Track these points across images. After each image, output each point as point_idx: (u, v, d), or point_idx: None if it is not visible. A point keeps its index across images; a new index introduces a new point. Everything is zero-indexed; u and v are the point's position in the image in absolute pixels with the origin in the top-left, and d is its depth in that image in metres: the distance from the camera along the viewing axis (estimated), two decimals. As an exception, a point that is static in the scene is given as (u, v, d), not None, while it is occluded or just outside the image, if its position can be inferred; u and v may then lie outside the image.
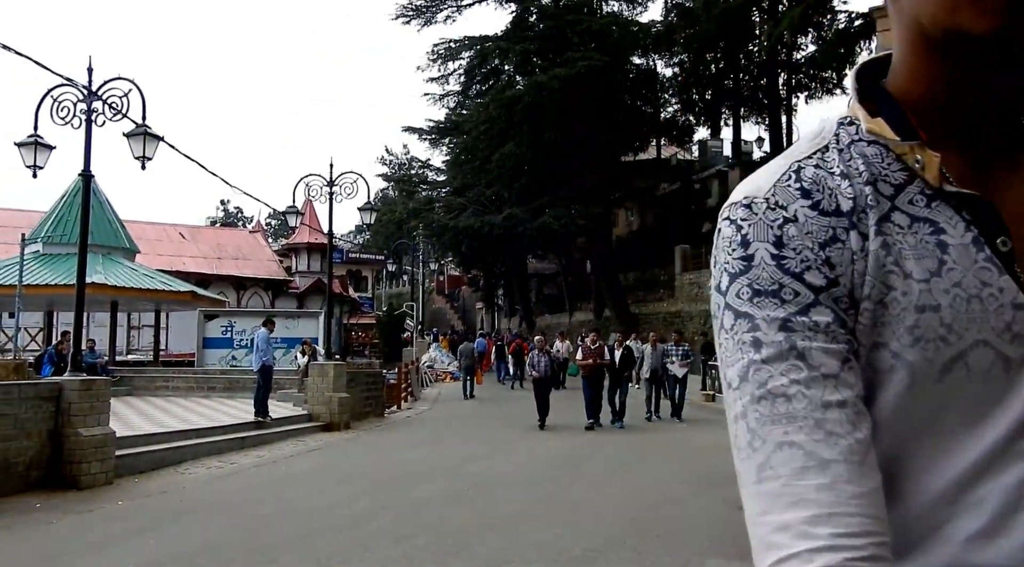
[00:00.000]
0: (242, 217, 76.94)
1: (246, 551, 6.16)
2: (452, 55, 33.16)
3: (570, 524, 6.82)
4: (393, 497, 8.18)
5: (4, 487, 8.33)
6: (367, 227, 43.06)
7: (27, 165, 10.06)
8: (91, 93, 9.68)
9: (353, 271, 49.89)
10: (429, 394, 23.23)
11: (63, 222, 21.04)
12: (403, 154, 63.53)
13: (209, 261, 37.13)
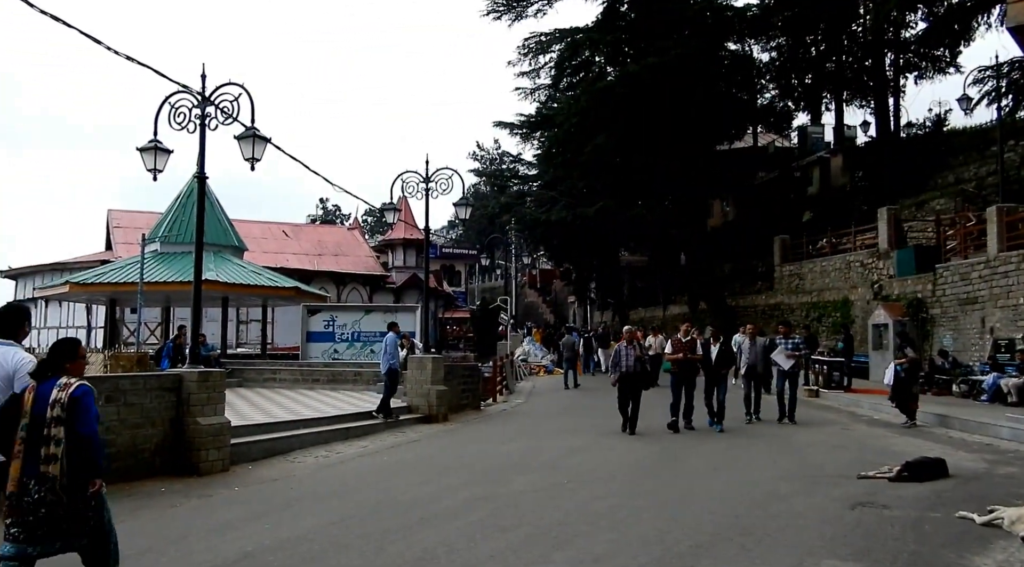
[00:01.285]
0: (340, 215, 79.41)
1: (355, 537, 6.35)
2: (543, 49, 33.15)
3: (673, 519, 6.71)
4: (493, 489, 8.26)
5: (133, 472, 8.89)
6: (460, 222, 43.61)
7: (147, 169, 10.66)
8: (205, 99, 10.17)
9: (447, 266, 50.77)
10: (523, 387, 23.37)
11: (178, 222, 22.25)
12: (494, 149, 64.12)
13: (310, 258, 38.52)
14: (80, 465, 4.30)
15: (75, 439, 4.28)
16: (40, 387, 4.36)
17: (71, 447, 4.26)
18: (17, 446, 4.26)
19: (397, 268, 41.23)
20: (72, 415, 4.29)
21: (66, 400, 4.29)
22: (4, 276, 38.81)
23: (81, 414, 4.30)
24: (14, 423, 4.29)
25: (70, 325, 34.78)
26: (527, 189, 40.82)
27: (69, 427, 4.24)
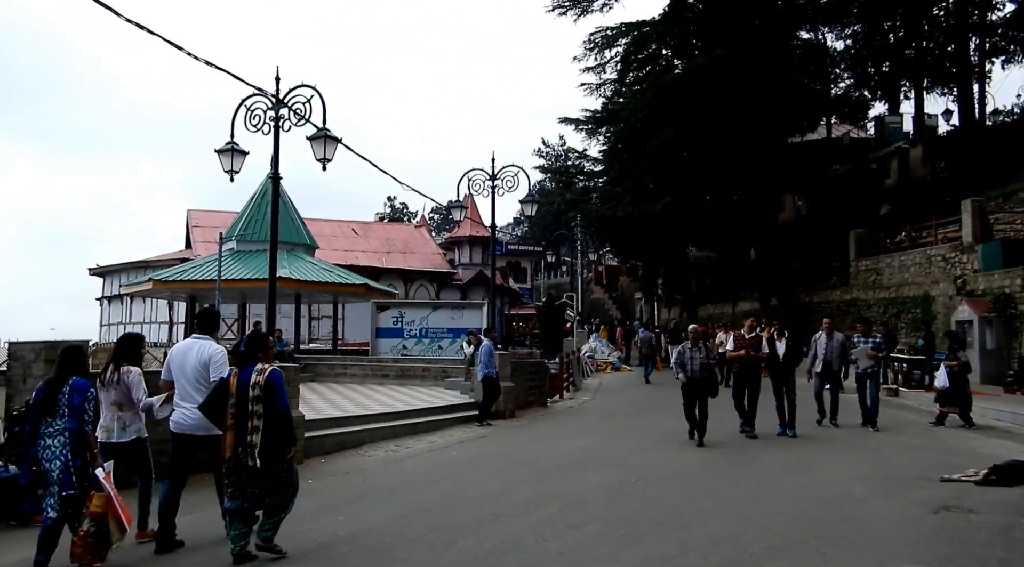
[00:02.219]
0: (407, 212, 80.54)
1: (425, 531, 6.44)
2: (609, 43, 32.88)
3: (745, 520, 6.59)
4: (561, 486, 8.26)
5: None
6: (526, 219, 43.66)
7: (225, 170, 11.04)
8: (279, 101, 10.46)
9: (513, 263, 50.96)
10: (590, 384, 23.27)
11: (253, 221, 22.96)
12: (560, 146, 63.94)
13: (379, 255, 39.21)
14: (280, 434, 5.47)
15: (275, 414, 5.44)
16: (241, 373, 5.53)
17: (271, 421, 5.40)
18: (229, 420, 5.42)
19: (463, 265, 41.59)
20: (269, 395, 5.43)
21: (263, 383, 5.43)
22: (93, 273, 40.74)
23: (276, 394, 5.46)
24: (225, 401, 5.49)
25: (153, 320, 36.29)
26: (592, 185, 40.58)
27: (268, 404, 5.38)
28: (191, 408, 6.00)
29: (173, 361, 6.25)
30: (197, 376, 6.11)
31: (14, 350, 8.80)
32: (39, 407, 5.50)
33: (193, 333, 6.53)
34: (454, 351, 21.53)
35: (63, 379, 5.50)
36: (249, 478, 5.37)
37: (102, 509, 5.37)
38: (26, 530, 6.89)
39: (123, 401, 6.10)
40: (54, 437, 5.38)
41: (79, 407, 5.39)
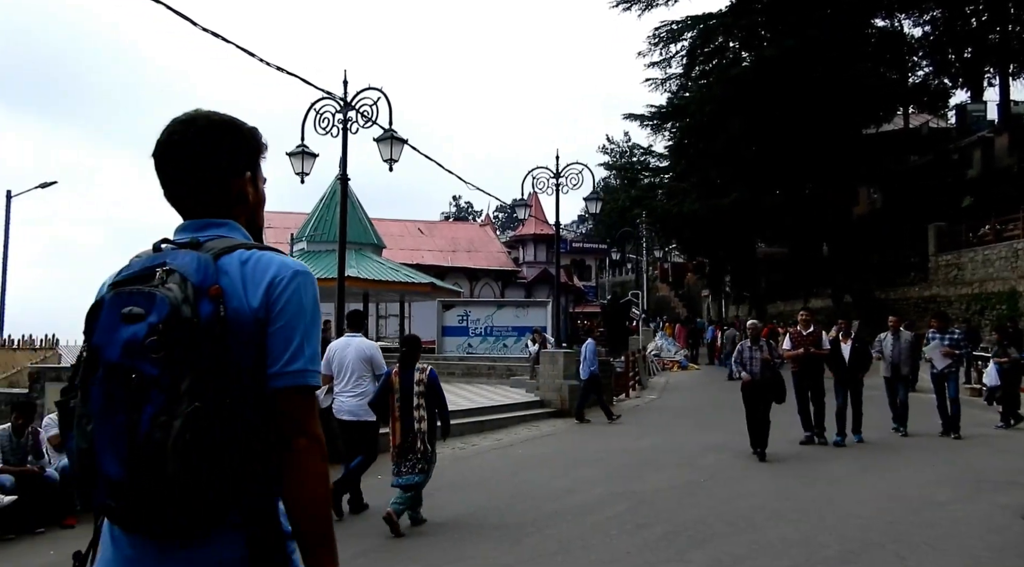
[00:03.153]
0: (472, 211, 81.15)
1: (492, 527, 6.50)
2: (674, 37, 32.39)
3: (817, 523, 6.42)
4: (627, 485, 8.20)
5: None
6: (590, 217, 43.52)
7: (296, 172, 11.34)
8: (347, 104, 10.68)
9: (577, 260, 50.77)
10: (656, 383, 23.01)
11: (323, 222, 23.49)
12: (624, 142, 63.37)
13: (444, 254, 39.61)
14: (444, 422, 6.71)
15: (440, 405, 6.57)
16: (404, 372, 6.49)
17: (435, 411, 6.52)
18: (396, 412, 6.43)
19: (528, 263, 41.65)
20: (431, 390, 6.48)
21: (427, 381, 6.46)
22: (172, 275, 42.33)
23: (438, 389, 6.56)
24: (387, 397, 6.53)
25: (228, 320, 37.49)
26: (658, 181, 40.07)
27: (431, 398, 6.44)
28: (347, 397, 7.07)
29: (334, 356, 7.17)
30: (357, 369, 7.09)
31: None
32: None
33: (346, 332, 7.59)
34: (519, 349, 21.60)
35: None
36: (415, 458, 6.41)
37: None
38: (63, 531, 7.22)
39: None
40: None
41: None
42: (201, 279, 1.39)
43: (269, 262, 1.48)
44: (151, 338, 1.32)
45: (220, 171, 1.58)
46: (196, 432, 1.29)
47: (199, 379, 1.32)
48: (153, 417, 1.29)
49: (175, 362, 1.31)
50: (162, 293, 1.35)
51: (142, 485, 1.29)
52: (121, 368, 1.33)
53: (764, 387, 9.83)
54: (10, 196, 20.85)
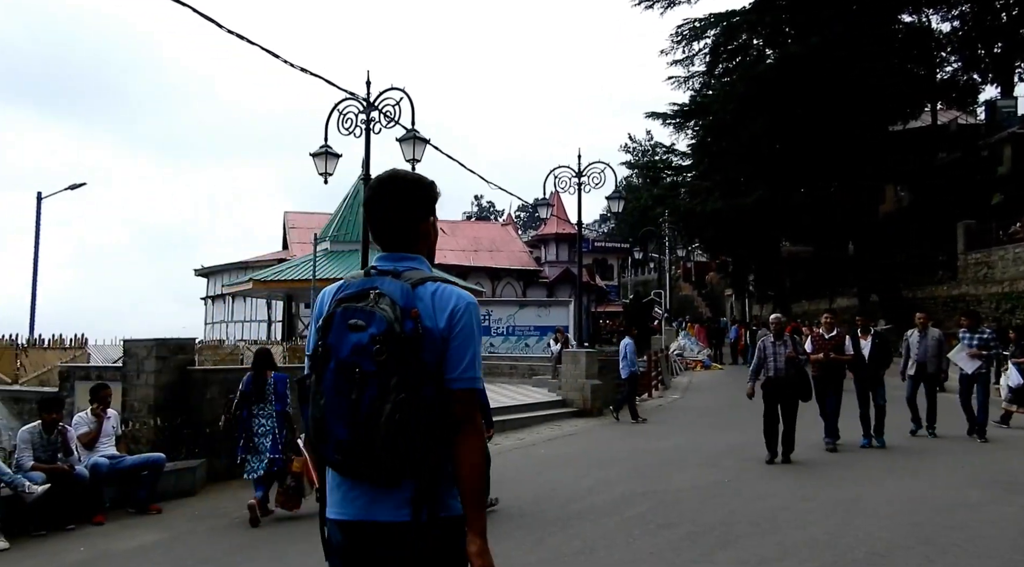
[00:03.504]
0: (494, 211, 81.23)
1: (514, 528, 6.49)
2: (697, 35, 32.19)
3: (843, 524, 6.35)
4: (651, 484, 8.16)
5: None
6: (613, 216, 43.40)
7: (319, 173, 11.42)
8: (369, 104, 10.74)
9: (599, 260, 50.59)
10: (679, 382, 22.90)
11: (346, 222, 23.64)
12: (646, 141, 63.13)
13: (467, 253, 39.68)
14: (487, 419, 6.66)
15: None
16: None
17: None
18: None
19: (550, 263, 41.60)
20: None
21: None
22: (198, 274, 42.88)
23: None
24: None
25: (253, 319, 37.88)
26: (681, 180, 39.86)
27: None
28: None
29: None
30: None
31: (128, 347, 9.37)
32: (252, 395, 7.20)
33: None
34: (540, 349, 21.60)
35: (261, 373, 7.25)
36: None
37: (300, 469, 7.04)
38: (144, 517, 7.32)
39: None
40: (266, 417, 7.14)
41: (283, 394, 7.21)
42: (405, 303, 1.95)
43: (451, 294, 2.05)
44: (373, 345, 1.89)
45: (412, 217, 2.18)
46: (400, 414, 1.87)
47: (404, 377, 1.89)
48: (371, 400, 1.88)
49: (388, 363, 1.89)
50: (380, 312, 1.93)
51: (360, 446, 1.90)
52: (348, 363, 1.92)
53: (788, 385, 9.32)
54: (40, 198, 21.21)
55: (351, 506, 2.03)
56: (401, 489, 1.96)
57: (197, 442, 8.77)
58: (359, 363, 1.91)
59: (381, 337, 1.90)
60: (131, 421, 8.68)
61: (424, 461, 1.96)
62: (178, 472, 8.20)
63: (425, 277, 2.07)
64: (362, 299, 1.98)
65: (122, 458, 7.63)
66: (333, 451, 1.96)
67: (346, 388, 1.91)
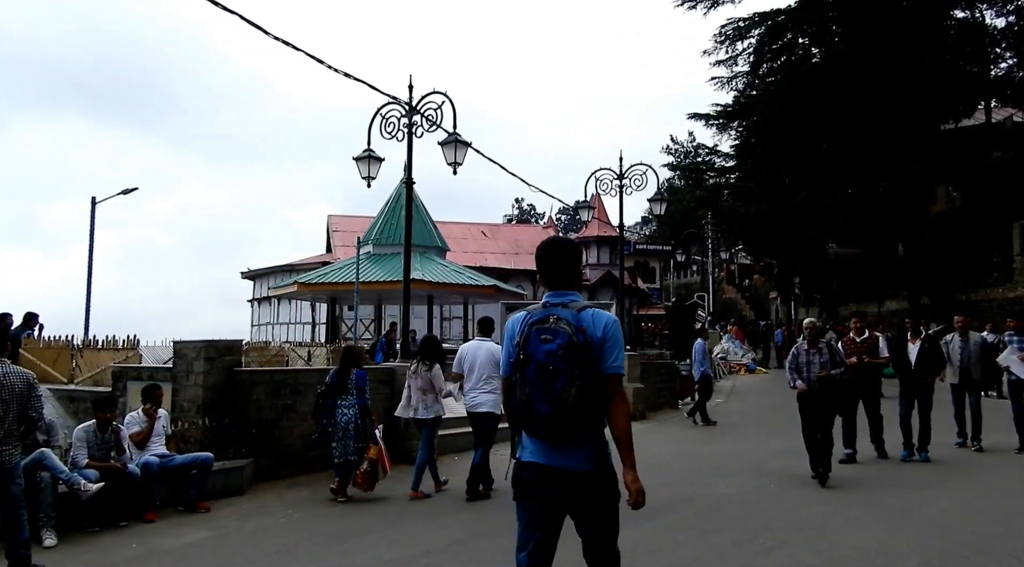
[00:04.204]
0: (535, 214, 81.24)
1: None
2: (740, 35, 31.75)
3: (894, 532, 6.20)
4: (695, 490, 8.07)
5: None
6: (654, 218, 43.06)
7: (362, 176, 11.54)
8: (411, 108, 10.82)
9: (640, 262, 50.23)
10: (723, 386, 22.59)
11: (389, 225, 23.86)
12: (689, 142, 62.55)
13: (507, 256, 39.74)
14: None
15: None
16: None
17: None
18: None
19: (591, 265, 41.44)
20: None
21: None
22: (244, 277, 43.69)
23: None
24: None
25: (297, 321, 38.46)
26: (724, 182, 39.32)
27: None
28: (479, 393, 8.03)
29: (465, 358, 8.16)
30: (487, 370, 8.01)
31: (178, 348, 9.57)
32: (336, 388, 8.05)
33: (476, 336, 8.63)
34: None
35: (347, 369, 8.07)
36: None
37: (375, 456, 7.96)
38: (193, 515, 7.48)
39: (426, 387, 8.30)
40: (349, 408, 7.97)
41: (363, 389, 8.07)
42: (575, 323, 3.05)
43: (602, 315, 3.15)
44: (559, 351, 2.98)
45: (572, 268, 3.37)
46: (581, 395, 2.95)
47: (581, 370, 2.97)
48: (562, 387, 2.95)
49: (570, 362, 2.96)
50: (561, 330, 3.02)
51: (557, 417, 2.97)
52: (544, 363, 2.99)
53: (823, 398, 8.51)
54: (94, 203, 21.84)
55: (543, 456, 3.12)
56: (582, 447, 3.08)
57: (244, 442, 8.92)
58: (552, 363, 3.01)
59: (565, 346, 3.01)
60: (180, 421, 8.87)
61: (597, 426, 3.12)
62: (226, 471, 8.35)
63: (584, 305, 3.20)
64: (546, 322, 3.10)
65: (172, 457, 7.80)
66: (538, 422, 3.05)
67: (544, 380, 3.01)
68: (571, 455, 3.07)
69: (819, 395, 8.48)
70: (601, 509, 3.20)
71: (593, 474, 3.09)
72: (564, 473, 3.08)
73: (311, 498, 8.16)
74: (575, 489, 3.09)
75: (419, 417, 8.35)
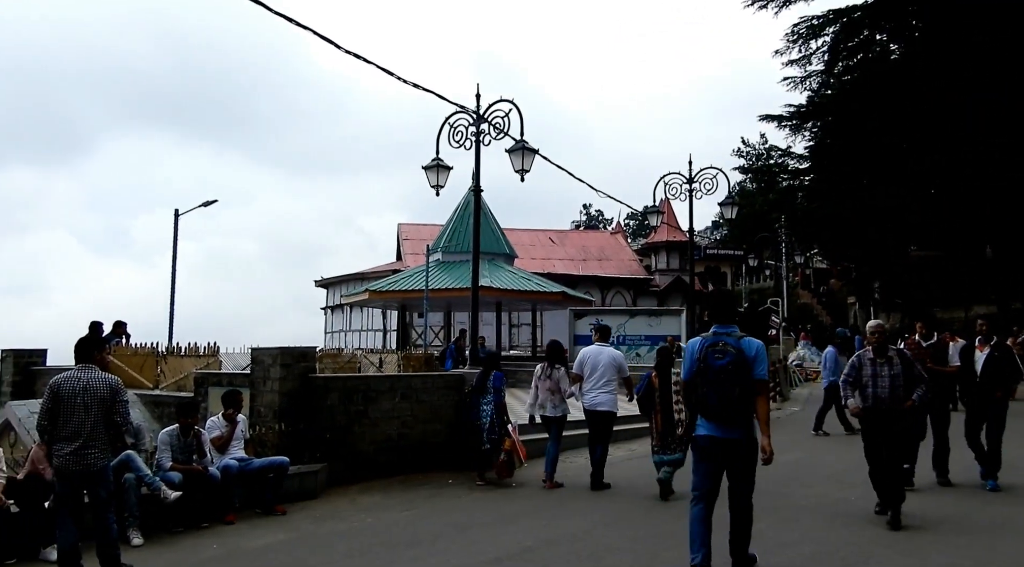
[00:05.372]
0: (603, 219, 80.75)
1: (625, 539, 6.39)
2: (814, 33, 30.87)
3: (989, 548, 5.90)
4: (772, 500, 7.80)
5: (424, 464, 9.76)
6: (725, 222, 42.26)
7: (431, 185, 11.68)
8: (479, 117, 10.91)
9: (711, 267, 49.34)
10: (799, 394, 21.95)
11: (457, 233, 24.08)
12: (760, 144, 61.15)
13: (575, 263, 39.60)
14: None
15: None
16: (661, 374, 8.42)
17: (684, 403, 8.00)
18: (658, 406, 8.33)
19: (660, 271, 40.93)
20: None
21: (681, 381, 7.12)
22: (318, 285, 44.77)
23: None
24: (652, 392, 8.40)
25: (369, 328, 39.16)
26: (798, 184, 38.30)
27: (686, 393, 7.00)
28: (600, 393, 8.83)
29: (587, 361, 8.95)
30: (608, 372, 8.84)
31: (256, 355, 9.85)
32: (479, 389, 9.47)
33: (596, 342, 9.30)
34: (651, 358, 21.20)
35: (487, 372, 9.47)
36: (676, 441, 8.13)
37: (509, 448, 9.12)
38: (270, 517, 7.68)
39: (554, 389, 9.08)
40: (487, 405, 9.30)
41: (499, 389, 9.40)
42: (736, 346, 5.04)
43: (753, 342, 5.11)
44: (728, 365, 4.98)
45: (733, 310, 5.45)
46: (741, 393, 4.96)
47: (741, 377, 4.98)
48: (729, 387, 4.95)
49: (734, 372, 4.97)
50: (729, 351, 5.02)
51: (722, 408, 4.98)
52: (717, 371, 4.98)
53: (895, 417, 6.96)
54: (177, 215, 22.74)
55: (713, 431, 5.03)
56: (737, 426, 4.99)
57: (318, 446, 9.12)
58: (724, 371, 4.95)
59: (732, 362, 4.97)
60: (258, 425, 9.11)
61: (747, 413, 5.00)
62: (301, 475, 8.54)
63: (742, 335, 5.11)
64: (717, 345, 5.05)
65: (250, 461, 8.02)
66: (711, 410, 5.00)
67: (717, 383, 4.96)
68: (730, 431, 5.00)
69: (889, 413, 6.93)
70: (746, 464, 5.07)
71: (743, 441, 5.03)
72: (725, 441, 5.01)
73: (383, 503, 8.27)
74: (731, 451, 5.03)
75: (548, 415, 9.11)
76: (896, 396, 6.94)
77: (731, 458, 5.01)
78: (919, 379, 7.09)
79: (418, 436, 9.91)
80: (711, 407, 4.95)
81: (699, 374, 5.01)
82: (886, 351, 7.09)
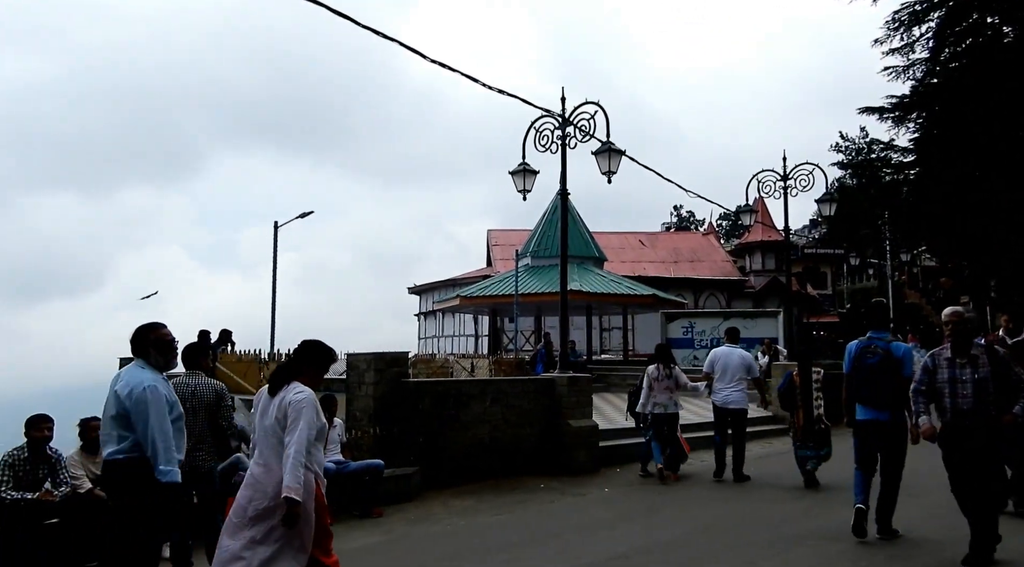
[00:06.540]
0: (694, 220, 79.20)
1: (722, 548, 6.22)
2: (918, 19, 29.34)
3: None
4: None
5: (515, 468, 9.80)
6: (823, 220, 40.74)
7: (518, 190, 11.74)
8: (565, 120, 10.89)
9: (809, 267, 47.58)
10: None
11: (546, 237, 24.13)
12: (860, 138, 58.59)
13: (666, 265, 38.97)
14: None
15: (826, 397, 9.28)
16: (802, 371, 8.87)
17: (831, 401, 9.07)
18: (799, 402, 8.83)
19: (755, 272, 39.79)
20: (825, 385, 9.11)
21: (820, 379, 9.06)
22: (411, 292, 45.72)
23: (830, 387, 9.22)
24: (793, 391, 8.95)
25: (461, 333, 39.70)
26: (902, 178, 36.47)
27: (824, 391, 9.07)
28: (731, 391, 9.55)
29: (717, 361, 9.68)
30: (738, 372, 9.56)
31: (351, 360, 10.14)
32: (636, 393, 10.01)
33: (725, 343, 10.03)
34: (748, 361, 20.62)
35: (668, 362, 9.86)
36: (815, 437, 8.74)
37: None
38: (367, 519, 7.87)
39: (672, 387, 9.63)
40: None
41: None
42: (886, 348, 6.27)
43: (901, 345, 6.41)
44: (879, 362, 6.22)
45: (887, 317, 6.84)
46: (892, 387, 6.23)
47: (891, 372, 6.22)
48: (882, 380, 6.22)
49: (884, 369, 6.23)
50: (879, 352, 6.27)
51: (875, 396, 6.25)
52: (868, 368, 6.29)
53: (982, 435, 5.46)
54: (277, 226, 23.69)
55: (869, 414, 6.25)
56: (887, 410, 6.17)
57: (412, 450, 9.29)
58: (874, 367, 6.20)
59: (881, 360, 6.19)
60: (353, 429, 9.37)
61: (896, 400, 6.10)
62: (396, 478, 8.72)
63: (891, 339, 6.31)
64: (870, 347, 6.29)
65: (347, 463, 8.25)
66: (865, 398, 6.25)
67: (870, 377, 6.20)
68: (882, 414, 6.14)
69: (974, 430, 5.46)
70: (894, 442, 6.13)
71: (893, 423, 6.11)
72: (879, 423, 6.17)
73: (475, 507, 8.34)
74: (883, 431, 6.15)
75: (669, 412, 9.59)
76: (983, 408, 5.44)
77: (880, 436, 6.18)
78: (1019, 385, 5.52)
79: (509, 440, 9.96)
80: (864, 396, 6.22)
81: (855, 370, 6.27)
82: (968, 347, 5.58)
